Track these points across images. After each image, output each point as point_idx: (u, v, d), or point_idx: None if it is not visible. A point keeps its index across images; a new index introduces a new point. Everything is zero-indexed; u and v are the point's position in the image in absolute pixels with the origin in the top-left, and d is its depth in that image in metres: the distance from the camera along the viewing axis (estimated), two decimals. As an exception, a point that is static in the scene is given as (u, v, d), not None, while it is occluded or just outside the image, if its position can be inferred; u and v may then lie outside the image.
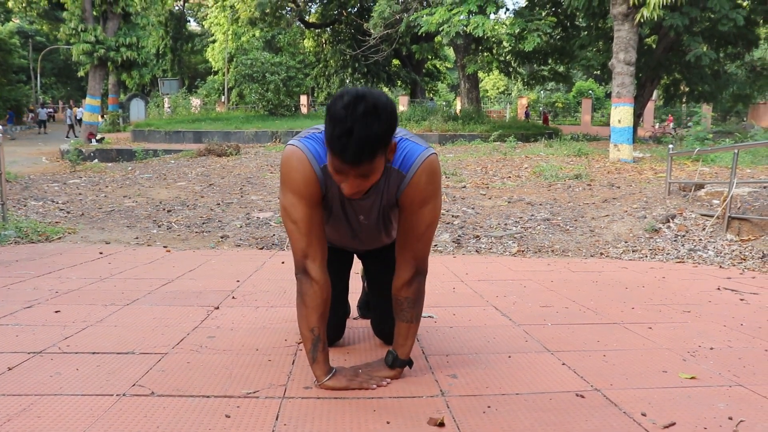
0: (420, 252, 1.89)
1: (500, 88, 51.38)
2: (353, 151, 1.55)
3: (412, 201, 1.81)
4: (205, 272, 4.06)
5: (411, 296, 1.92)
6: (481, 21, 16.79)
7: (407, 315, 1.94)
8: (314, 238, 1.82)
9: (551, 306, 3.16)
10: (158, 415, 1.68)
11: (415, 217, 1.83)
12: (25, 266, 4.13)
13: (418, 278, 1.92)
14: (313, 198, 1.80)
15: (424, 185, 1.79)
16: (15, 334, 2.45)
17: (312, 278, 1.83)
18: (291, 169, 1.78)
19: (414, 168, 1.78)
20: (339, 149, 1.56)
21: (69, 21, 21.11)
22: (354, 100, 1.54)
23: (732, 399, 1.85)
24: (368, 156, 1.57)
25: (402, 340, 1.96)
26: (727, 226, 5.64)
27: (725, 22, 14.13)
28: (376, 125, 1.55)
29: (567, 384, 1.98)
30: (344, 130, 1.53)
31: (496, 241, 5.72)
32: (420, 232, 1.85)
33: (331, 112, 1.57)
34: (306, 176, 1.77)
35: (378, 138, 1.56)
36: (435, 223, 1.88)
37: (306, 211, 1.79)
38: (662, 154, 11.46)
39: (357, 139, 1.53)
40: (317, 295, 1.83)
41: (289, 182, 1.79)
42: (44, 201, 8.00)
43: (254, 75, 22.78)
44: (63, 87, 49.79)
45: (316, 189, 1.79)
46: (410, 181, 1.78)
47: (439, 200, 1.87)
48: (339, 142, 1.55)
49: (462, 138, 17.97)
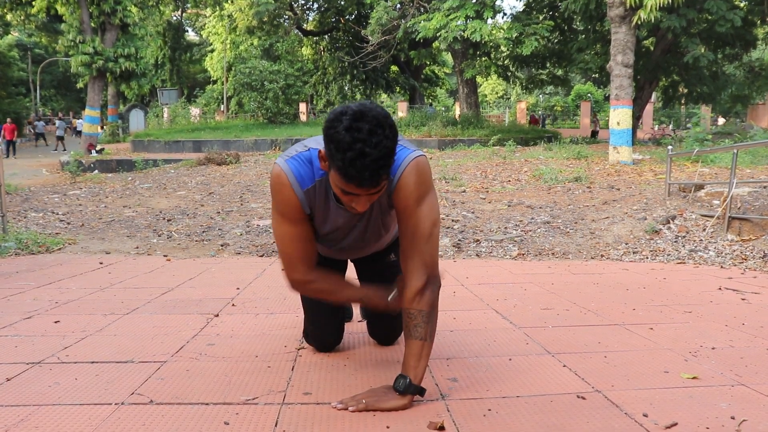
0: (428, 257, 1.80)
1: (499, 93, 51.47)
2: (371, 174, 1.52)
3: (406, 204, 1.76)
4: (205, 280, 4.06)
5: (425, 309, 1.78)
6: (479, 26, 16.81)
7: (420, 331, 1.78)
8: (301, 251, 1.85)
9: (552, 308, 3.15)
10: (157, 423, 1.67)
11: (413, 219, 1.77)
12: (25, 277, 4.12)
13: (432, 288, 1.80)
14: (298, 217, 1.81)
15: (414, 185, 1.74)
16: (14, 345, 2.45)
17: (307, 281, 1.88)
18: (275, 192, 1.79)
19: (400, 170, 1.74)
20: (356, 175, 1.52)
21: (67, 33, 21.19)
22: (354, 121, 1.50)
23: (734, 398, 1.84)
24: (385, 174, 1.56)
25: (414, 362, 1.77)
26: (728, 226, 5.63)
27: (723, 23, 14.15)
28: (385, 141, 1.52)
29: (568, 386, 1.96)
30: (356, 154, 1.49)
31: (497, 245, 5.71)
32: (422, 234, 1.77)
33: (334, 139, 1.52)
34: (288, 201, 1.78)
35: (390, 153, 1.55)
36: (436, 224, 1.81)
37: (290, 228, 1.83)
38: (662, 156, 11.45)
39: (372, 161, 1.50)
40: (325, 281, 1.91)
41: (275, 204, 1.82)
42: (44, 212, 8.01)
43: (253, 83, 22.82)
44: (62, 99, 49.94)
45: (299, 211, 1.80)
46: (398, 184, 1.74)
47: (434, 198, 1.82)
48: (354, 168, 1.50)
49: (461, 143, 17.98)
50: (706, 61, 15.31)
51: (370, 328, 2.43)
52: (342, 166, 1.52)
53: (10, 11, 25.05)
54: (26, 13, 24.86)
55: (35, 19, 27.47)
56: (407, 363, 1.78)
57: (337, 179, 1.59)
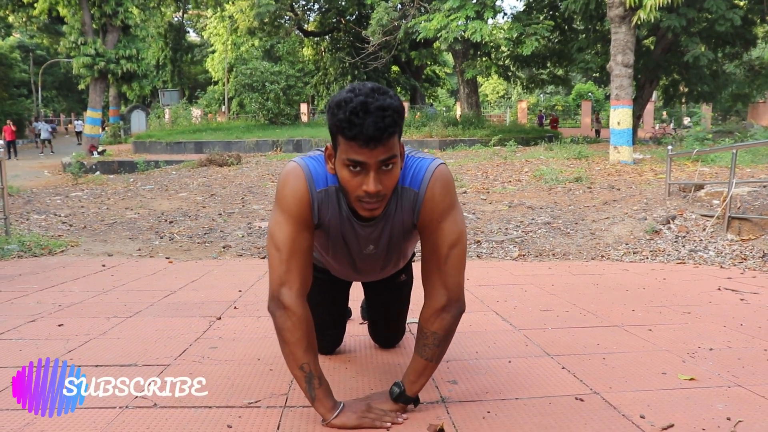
0: (449, 277, 1.67)
1: (500, 93, 51.46)
2: (373, 122, 1.39)
3: (431, 218, 1.65)
4: (207, 283, 4.08)
5: (439, 332, 1.69)
6: (479, 26, 16.83)
7: (428, 352, 1.70)
8: (295, 266, 1.64)
9: (552, 310, 3.17)
10: (161, 426, 1.69)
11: (437, 235, 1.66)
12: (28, 280, 4.15)
13: (452, 311, 1.69)
14: (303, 221, 1.65)
15: (440, 197, 1.63)
16: (19, 349, 2.47)
17: (287, 308, 1.63)
18: (285, 186, 1.65)
19: (426, 181, 1.63)
20: (357, 125, 1.40)
21: (69, 34, 21.24)
22: (355, 85, 1.45)
23: (731, 399, 1.86)
24: (391, 127, 1.42)
25: (414, 377, 1.72)
26: (728, 226, 5.65)
27: (722, 22, 14.16)
28: (388, 98, 1.43)
29: (566, 388, 1.99)
30: (356, 105, 1.40)
31: (497, 246, 5.73)
32: (445, 253, 1.66)
33: (335, 101, 1.44)
34: (299, 196, 1.63)
35: (395, 108, 1.43)
36: (461, 243, 1.68)
37: (292, 233, 1.64)
38: (662, 155, 11.46)
39: (374, 109, 1.40)
40: (297, 328, 1.63)
41: (281, 200, 1.65)
42: (47, 214, 8.04)
43: (254, 84, 22.86)
44: (64, 100, 50.02)
45: (307, 211, 1.65)
46: (425, 196, 1.63)
47: (459, 212, 1.70)
48: (354, 118, 1.40)
49: (462, 143, 18.01)
50: (706, 60, 15.32)
51: (372, 331, 2.45)
52: (344, 118, 1.41)
53: (12, 13, 25.11)
54: (28, 15, 24.92)
55: (37, 20, 27.53)
56: (407, 375, 1.74)
57: (342, 150, 1.47)
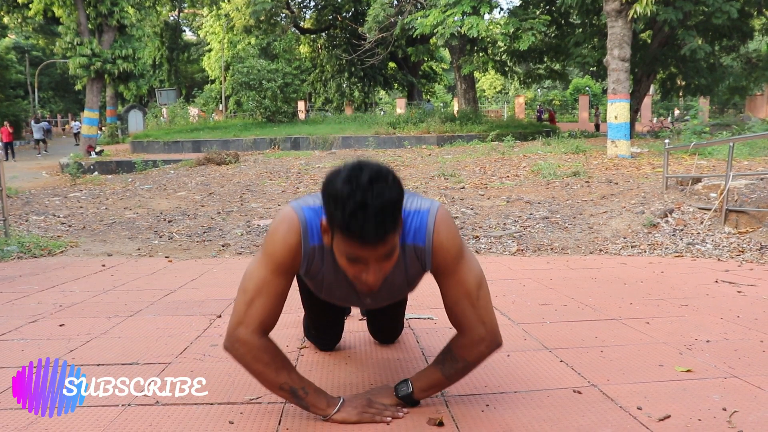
0: (486, 314, 1.67)
1: (497, 88, 51.44)
2: (374, 226, 1.36)
3: (445, 264, 1.62)
4: (207, 281, 4.10)
5: (472, 361, 1.70)
6: (476, 21, 16.83)
7: (451, 373, 1.70)
8: (258, 308, 1.60)
9: (550, 304, 3.19)
10: (163, 423, 1.71)
11: (459, 277, 1.64)
12: (29, 281, 4.16)
13: (491, 346, 1.69)
14: (285, 269, 1.61)
15: (449, 244, 1.60)
16: (20, 349, 2.49)
17: (243, 342, 1.60)
18: (276, 233, 1.60)
19: (430, 233, 1.58)
20: (357, 228, 1.36)
21: (65, 35, 21.20)
22: (353, 172, 1.37)
23: (727, 390, 1.88)
24: (391, 227, 1.39)
25: (426, 386, 1.73)
26: (725, 219, 5.67)
27: (719, 15, 14.17)
28: (388, 191, 1.37)
29: (564, 381, 2.01)
30: (356, 205, 1.34)
31: (496, 241, 5.75)
32: (474, 293, 1.65)
33: (331, 193, 1.39)
34: (289, 248, 1.58)
35: (395, 203, 1.39)
36: (484, 280, 1.69)
37: (266, 277, 1.60)
38: (660, 149, 11.47)
39: (374, 210, 1.34)
40: (258, 359, 1.61)
41: (270, 245, 1.61)
42: (45, 215, 8.05)
43: (251, 82, 22.83)
44: (61, 101, 49.95)
45: (294, 263, 1.61)
46: (434, 247, 1.60)
47: (469, 250, 1.70)
48: (354, 220, 1.35)
49: (460, 139, 18.00)
50: (703, 53, 15.35)
51: (371, 327, 2.46)
52: (342, 220, 1.37)
53: (7, 14, 25.06)
54: (23, 16, 24.87)
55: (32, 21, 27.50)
56: (419, 381, 1.73)
57: (340, 243, 1.44)
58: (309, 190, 9.52)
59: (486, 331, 1.67)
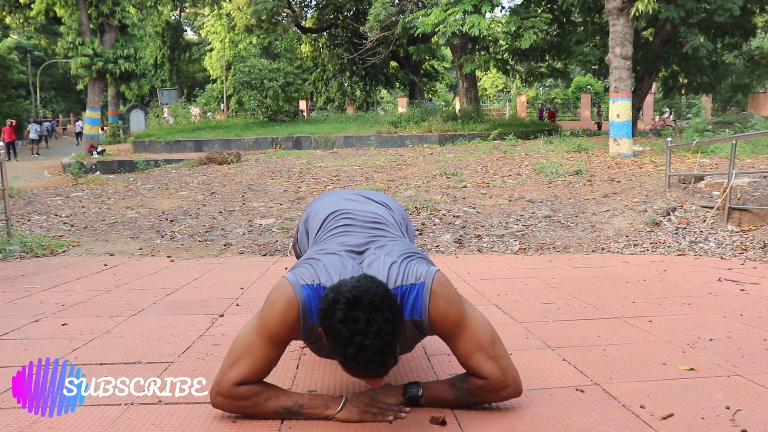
0: (505, 362, 1.68)
1: (499, 86, 51.40)
2: (376, 366, 1.43)
3: (449, 327, 1.64)
4: (209, 281, 4.10)
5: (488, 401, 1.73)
6: (477, 20, 16.79)
7: (462, 399, 1.73)
8: (241, 368, 1.65)
9: (552, 303, 3.18)
10: (166, 422, 1.71)
11: (469, 334, 1.65)
12: (31, 280, 4.17)
13: (512, 393, 1.70)
14: (277, 341, 1.65)
15: (448, 310, 1.62)
16: (23, 348, 2.49)
17: (225, 396, 1.67)
18: (275, 307, 1.62)
19: (426, 305, 1.61)
20: (362, 368, 1.44)
21: (66, 35, 21.22)
22: (348, 311, 1.40)
23: (730, 389, 1.88)
24: (392, 358, 1.45)
25: (434, 398, 1.74)
26: (728, 217, 5.66)
27: (721, 12, 14.12)
28: (386, 327, 1.41)
29: (567, 379, 2.00)
30: (356, 349, 1.40)
31: (498, 240, 5.74)
32: (489, 346, 1.66)
33: (330, 333, 1.44)
34: (287, 325, 1.61)
35: (394, 335, 1.44)
36: (494, 335, 1.69)
37: (266, 349, 1.64)
38: (662, 147, 11.46)
39: (375, 353, 1.40)
40: (244, 404, 1.67)
41: (267, 319, 1.63)
42: (48, 215, 8.06)
43: (252, 82, 22.83)
44: (62, 101, 50.01)
45: (289, 338, 1.65)
46: (431, 318, 1.62)
47: (471, 306, 1.72)
48: (356, 362, 1.42)
49: (462, 137, 17.98)
50: (705, 51, 15.28)
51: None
52: (344, 361, 1.44)
53: (9, 14, 25.09)
54: (25, 16, 24.89)
55: (34, 21, 27.49)
56: (429, 391, 1.74)
57: (341, 365, 1.49)
58: (311, 189, 9.52)
59: (509, 379, 1.68)
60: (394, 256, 1.70)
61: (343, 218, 1.94)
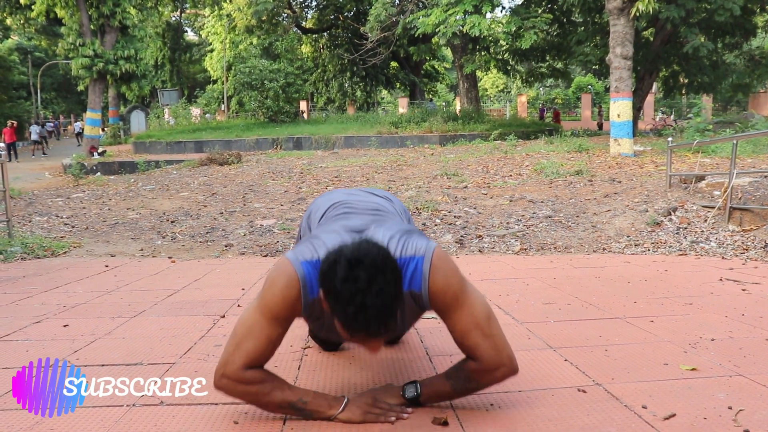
0: (500, 342, 1.67)
1: (499, 87, 51.40)
2: (376, 324, 1.42)
3: (448, 303, 1.63)
4: (210, 281, 4.10)
5: (485, 384, 1.71)
6: (478, 20, 16.79)
7: (460, 387, 1.72)
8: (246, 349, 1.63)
9: (554, 303, 3.18)
10: (168, 423, 1.71)
11: (465, 312, 1.64)
12: (32, 282, 4.17)
13: (507, 373, 1.69)
14: (280, 319, 1.63)
15: (447, 285, 1.62)
16: (25, 349, 2.49)
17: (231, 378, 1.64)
18: (275, 286, 1.61)
19: (426, 278, 1.61)
20: (361, 327, 1.43)
21: (67, 36, 21.26)
22: (350, 269, 1.40)
23: (732, 389, 1.87)
24: (392, 320, 1.46)
25: (433, 395, 1.74)
26: (729, 217, 5.65)
27: (721, 12, 14.11)
28: (387, 287, 1.41)
29: (569, 379, 2.00)
30: (357, 308, 1.40)
31: (499, 240, 5.74)
32: (485, 323, 1.65)
33: (331, 292, 1.43)
34: (288, 303, 1.60)
35: (394, 297, 1.44)
36: (490, 313, 1.69)
37: (269, 329, 1.63)
38: (663, 147, 11.44)
39: (376, 312, 1.40)
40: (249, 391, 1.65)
41: (268, 298, 1.62)
42: (49, 216, 8.06)
43: (253, 82, 22.85)
44: (63, 102, 50.04)
45: (291, 315, 1.64)
46: (431, 291, 1.61)
47: (470, 285, 1.70)
48: (357, 321, 1.42)
49: (462, 138, 17.98)
50: (705, 51, 15.28)
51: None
52: (344, 321, 1.44)
53: (9, 15, 25.12)
54: (26, 17, 24.92)
55: (35, 22, 27.55)
56: (427, 388, 1.74)
57: (341, 327, 1.49)
58: (311, 190, 9.52)
59: (504, 357, 1.67)
60: (393, 230, 1.70)
61: (343, 207, 1.96)
